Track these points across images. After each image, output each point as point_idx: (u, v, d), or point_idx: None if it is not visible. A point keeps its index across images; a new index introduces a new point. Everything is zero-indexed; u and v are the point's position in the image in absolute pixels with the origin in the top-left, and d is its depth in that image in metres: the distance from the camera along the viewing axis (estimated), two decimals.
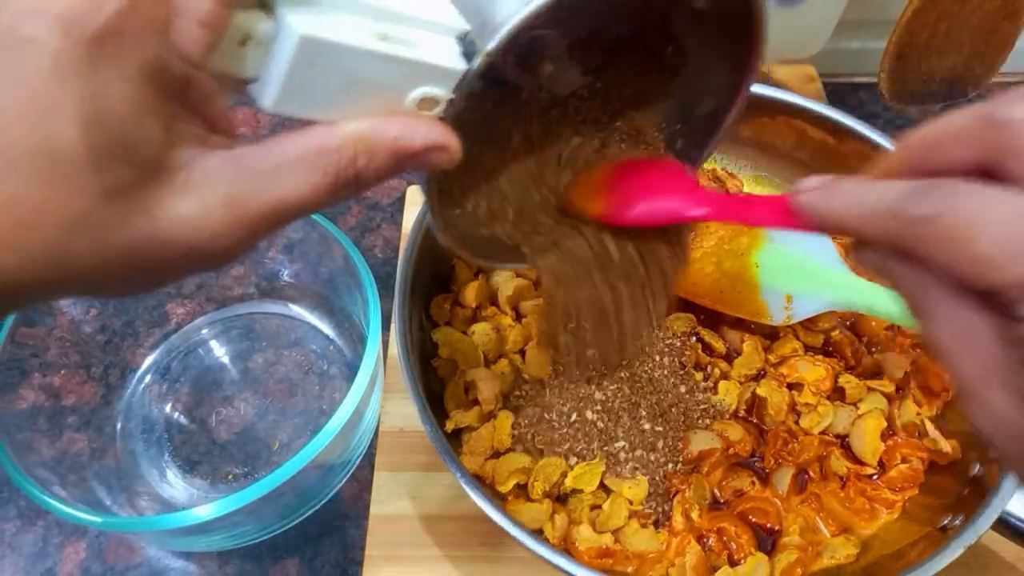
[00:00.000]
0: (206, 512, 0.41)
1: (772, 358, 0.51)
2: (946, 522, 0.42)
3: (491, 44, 0.26)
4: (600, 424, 0.47)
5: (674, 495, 0.46)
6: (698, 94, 0.37)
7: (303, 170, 0.23)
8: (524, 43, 0.33)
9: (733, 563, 0.44)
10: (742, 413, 0.49)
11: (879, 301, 0.47)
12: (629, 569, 0.44)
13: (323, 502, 0.51)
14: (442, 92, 0.26)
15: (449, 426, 0.47)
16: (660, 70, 0.37)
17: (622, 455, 0.46)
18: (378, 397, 0.52)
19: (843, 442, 0.49)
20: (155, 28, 0.20)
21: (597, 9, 0.35)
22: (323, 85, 0.24)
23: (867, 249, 0.24)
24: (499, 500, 0.45)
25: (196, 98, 0.23)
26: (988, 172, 0.21)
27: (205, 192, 0.22)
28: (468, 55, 0.26)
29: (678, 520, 0.45)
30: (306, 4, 0.23)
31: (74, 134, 0.19)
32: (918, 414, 0.48)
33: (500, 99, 0.35)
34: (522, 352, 0.51)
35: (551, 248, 0.37)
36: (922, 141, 0.23)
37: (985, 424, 0.21)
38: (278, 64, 0.23)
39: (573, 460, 0.46)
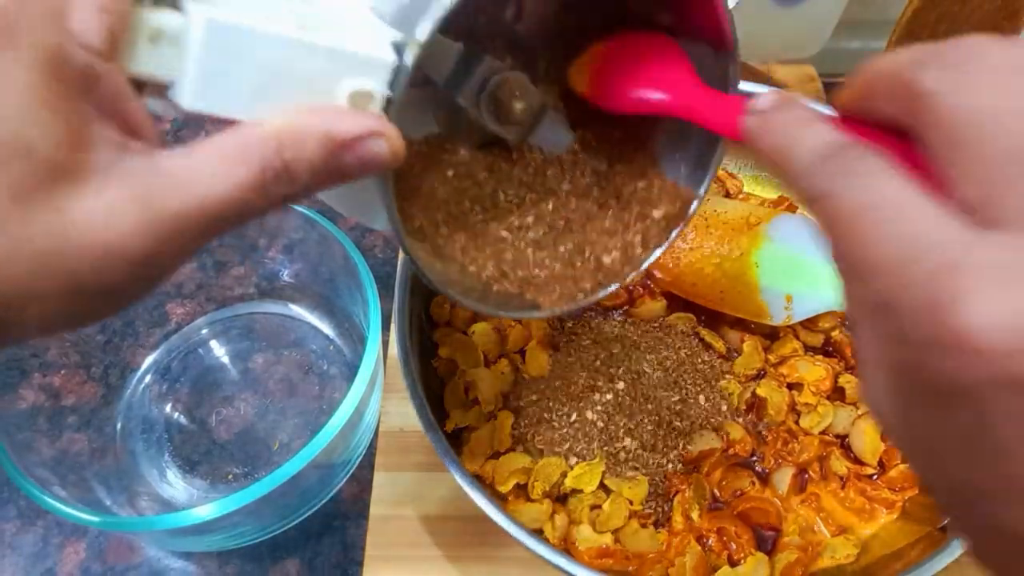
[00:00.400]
0: (206, 512, 0.41)
1: (772, 358, 0.51)
2: (946, 522, 0.42)
3: (423, 31, 0.24)
4: (600, 424, 0.47)
5: (674, 495, 0.46)
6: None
7: (225, 165, 0.22)
8: (487, 84, 0.32)
9: (733, 563, 0.44)
10: (742, 413, 0.49)
11: None
12: (629, 569, 0.44)
13: (323, 502, 0.51)
14: (375, 86, 0.25)
15: (449, 426, 0.47)
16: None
17: (622, 455, 0.46)
18: (378, 397, 0.52)
19: (843, 442, 0.49)
20: (50, 15, 0.20)
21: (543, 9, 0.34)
22: (240, 78, 0.23)
23: None
24: (499, 500, 0.45)
25: (109, 98, 0.22)
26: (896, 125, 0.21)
27: (116, 192, 0.21)
28: (399, 50, 0.25)
29: (678, 520, 0.45)
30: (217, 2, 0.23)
31: None
32: None
33: (483, 162, 0.35)
34: (522, 352, 0.51)
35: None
36: (863, 81, 0.23)
37: (865, 397, 0.21)
38: (188, 55, 0.22)
39: (573, 460, 0.46)
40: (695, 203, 0.37)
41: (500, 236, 0.36)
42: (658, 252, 0.37)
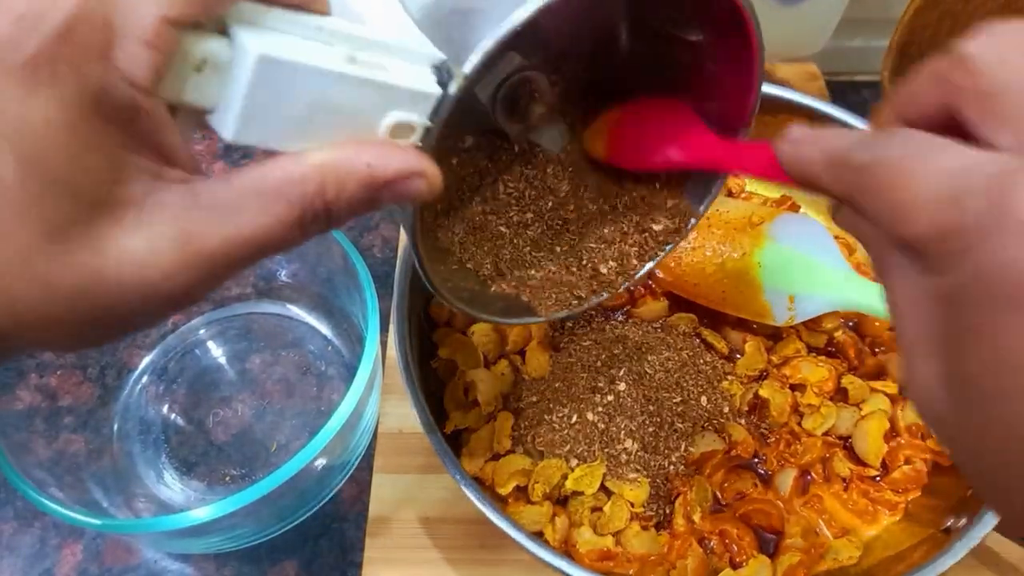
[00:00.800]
0: (204, 514, 0.40)
1: (775, 359, 0.51)
2: (949, 524, 0.42)
3: (469, 65, 0.24)
4: (601, 425, 0.46)
5: (676, 497, 0.46)
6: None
7: (265, 203, 0.22)
8: (508, 80, 0.32)
9: (735, 565, 0.44)
10: (744, 414, 0.49)
11: (882, 301, 0.47)
12: (630, 572, 0.43)
13: (321, 504, 0.51)
14: (417, 118, 0.24)
15: (448, 427, 0.47)
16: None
17: (623, 456, 0.46)
18: (377, 398, 0.52)
19: (846, 443, 0.48)
20: (95, 52, 0.19)
21: (578, 35, 0.34)
22: (286, 112, 0.22)
23: (840, 207, 0.24)
24: (499, 502, 0.44)
25: (148, 129, 0.21)
26: (945, 126, 0.21)
27: (156, 229, 0.20)
28: (443, 83, 0.25)
29: (679, 522, 0.45)
30: (266, 28, 0.22)
31: (8, 169, 0.18)
32: None
33: (487, 150, 0.35)
34: (522, 352, 0.50)
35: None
36: (904, 89, 0.23)
37: (910, 393, 0.21)
38: (236, 89, 0.21)
39: (574, 462, 0.45)
40: (693, 221, 0.37)
41: (499, 231, 0.36)
42: (650, 265, 0.38)
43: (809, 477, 0.47)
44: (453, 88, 0.25)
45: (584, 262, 0.37)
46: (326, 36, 0.23)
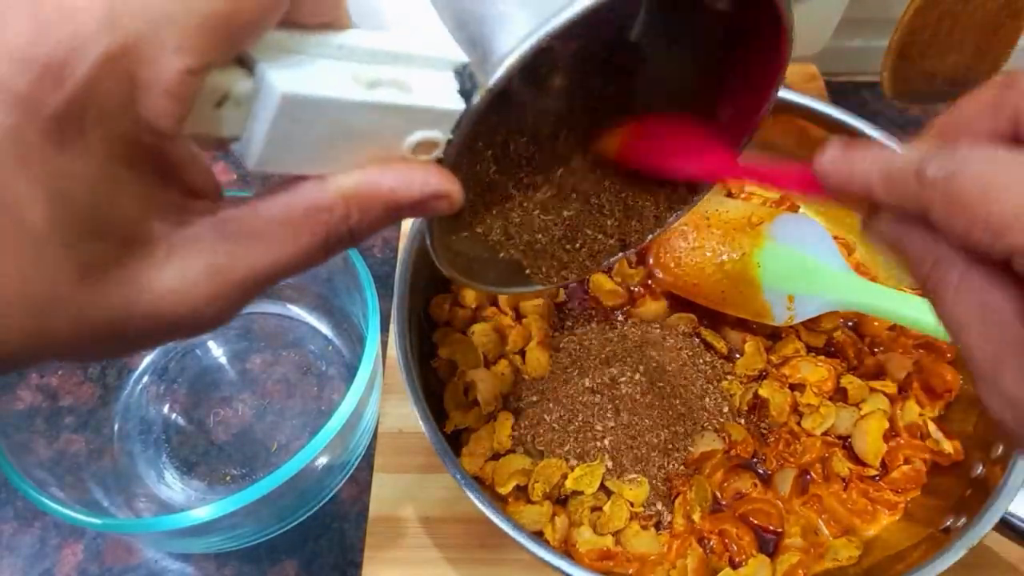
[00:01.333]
0: (204, 514, 0.40)
1: (774, 359, 0.51)
2: (948, 523, 0.42)
3: (492, 79, 0.24)
4: (600, 425, 0.46)
5: (675, 497, 0.46)
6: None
7: (292, 232, 0.22)
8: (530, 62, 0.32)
9: (734, 565, 0.44)
10: (744, 414, 0.49)
11: (882, 301, 0.47)
12: (630, 571, 0.43)
13: (322, 503, 0.51)
14: (440, 135, 0.24)
15: (448, 427, 0.47)
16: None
17: (623, 456, 0.46)
18: (377, 398, 0.52)
19: (845, 443, 0.48)
20: (120, 104, 0.19)
21: (604, 24, 0.34)
22: (310, 140, 0.22)
23: (879, 219, 0.24)
24: (499, 502, 0.44)
25: (174, 167, 0.21)
26: (1013, 139, 0.21)
27: (187, 262, 0.21)
28: (466, 93, 0.24)
29: (679, 522, 0.45)
30: (287, 54, 0.22)
31: (42, 216, 0.18)
32: (920, 415, 0.48)
33: (503, 119, 0.35)
34: (522, 352, 0.50)
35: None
36: (949, 116, 0.23)
37: (997, 407, 0.21)
38: (260, 123, 0.21)
39: (573, 462, 0.45)
40: (680, 212, 0.38)
41: (508, 193, 0.36)
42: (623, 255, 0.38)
43: (808, 477, 0.47)
44: (476, 100, 0.24)
45: (579, 245, 0.37)
46: (347, 53, 0.23)
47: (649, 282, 0.54)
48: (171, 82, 0.19)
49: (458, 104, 0.24)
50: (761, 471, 0.48)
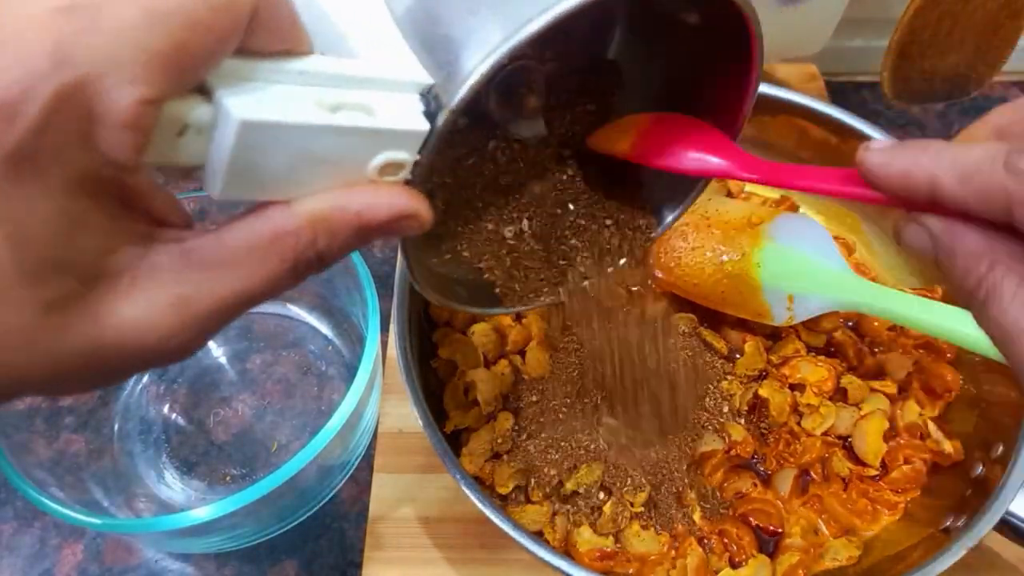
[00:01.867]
0: (204, 514, 0.40)
1: (774, 359, 0.51)
2: (948, 523, 0.42)
3: (455, 99, 0.24)
4: (600, 425, 0.46)
5: (676, 497, 0.46)
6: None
7: (258, 259, 0.22)
8: (503, 79, 0.32)
9: (735, 565, 0.44)
10: (744, 414, 0.49)
11: (882, 301, 0.47)
12: (630, 571, 0.43)
13: (321, 503, 0.51)
14: (406, 156, 0.24)
15: (448, 427, 0.47)
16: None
17: (623, 456, 0.46)
18: (377, 398, 0.52)
19: (845, 443, 0.48)
20: (76, 140, 0.19)
21: (573, 36, 0.34)
22: (274, 167, 0.22)
23: (926, 219, 0.23)
24: (499, 502, 0.44)
25: (136, 198, 0.21)
26: None
27: (152, 293, 0.21)
28: (431, 115, 0.24)
29: (679, 522, 0.45)
30: (246, 82, 0.21)
31: (2, 255, 0.18)
32: (920, 415, 0.48)
33: (478, 138, 0.34)
34: (522, 352, 0.50)
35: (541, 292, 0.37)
36: (1012, 115, 0.23)
37: None
38: (221, 151, 0.21)
39: (573, 463, 0.45)
40: (661, 229, 0.39)
41: (480, 213, 0.36)
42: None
43: (808, 477, 0.47)
44: (440, 122, 0.24)
45: (559, 259, 0.37)
46: (309, 79, 0.23)
47: (649, 282, 0.53)
48: (126, 114, 0.19)
49: (423, 125, 0.24)
50: (761, 471, 0.48)
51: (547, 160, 0.37)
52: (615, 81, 0.37)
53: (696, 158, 0.33)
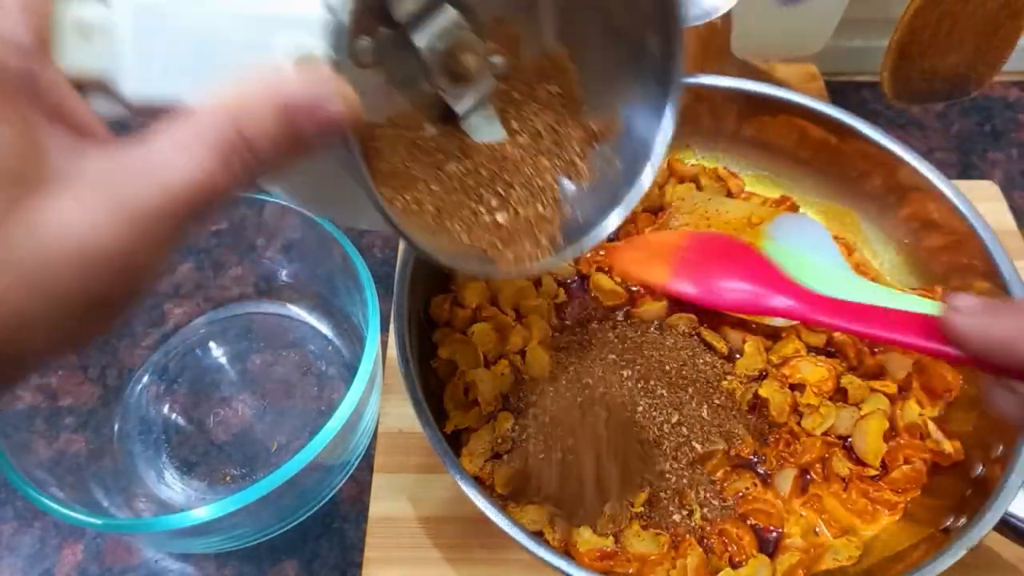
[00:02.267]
0: (204, 514, 0.40)
1: (774, 358, 0.51)
2: (948, 523, 0.42)
3: None
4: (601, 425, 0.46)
5: (676, 497, 0.46)
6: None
7: (185, 154, 0.21)
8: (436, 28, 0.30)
9: (735, 565, 0.44)
10: (744, 414, 0.49)
11: (882, 301, 0.47)
12: (630, 571, 0.43)
13: (322, 503, 0.51)
14: (315, 44, 0.23)
15: (448, 427, 0.47)
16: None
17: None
18: (377, 398, 0.52)
19: (845, 443, 0.48)
20: None
21: None
22: (178, 58, 0.22)
23: (1009, 391, 0.22)
24: (499, 502, 0.44)
25: (54, 100, 0.21)
26: None
27: (87, 199, 0.21)
28: (333, 7, 0.24)
29: (679, 522, 0.45)
30: None
31: None
32: (921, 415, 0.48)
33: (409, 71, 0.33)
34: (522, 352, 0.50)
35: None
36: None
37: None
38: (122, 45, 0.22)
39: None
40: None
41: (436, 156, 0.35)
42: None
43: (808, 477, 0.47)
44: (344, 12, 0.23)
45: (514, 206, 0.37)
46: None
47: None
48: None
49: (314, 6, 0.23)
50: (761, 471, 0.48)
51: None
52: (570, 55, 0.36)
53: (744, 295, 0.32)
